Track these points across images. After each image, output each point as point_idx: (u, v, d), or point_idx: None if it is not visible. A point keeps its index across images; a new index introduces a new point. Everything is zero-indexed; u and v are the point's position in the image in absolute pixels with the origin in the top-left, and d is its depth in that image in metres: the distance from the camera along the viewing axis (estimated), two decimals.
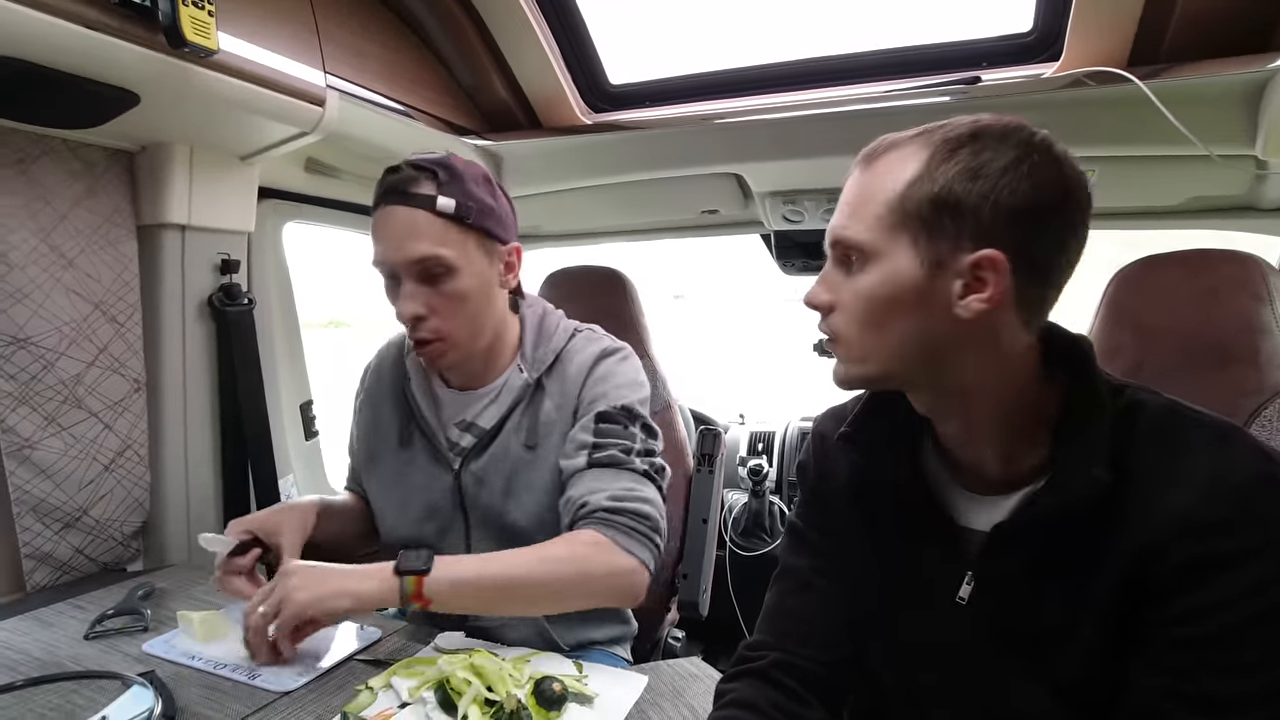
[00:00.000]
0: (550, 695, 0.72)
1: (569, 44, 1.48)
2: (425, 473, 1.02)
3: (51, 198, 1.07)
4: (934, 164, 0.57)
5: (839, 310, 0.63)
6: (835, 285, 0.63)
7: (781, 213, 1.58)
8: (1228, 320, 1.01)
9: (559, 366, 1.01)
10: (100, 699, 0.75)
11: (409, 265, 0.89)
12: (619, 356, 1.02)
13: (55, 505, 1.09)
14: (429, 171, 0.90)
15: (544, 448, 0.98)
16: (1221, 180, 1.27)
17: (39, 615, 0.97)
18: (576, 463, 0.93)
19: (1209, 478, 0.54)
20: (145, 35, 0.87)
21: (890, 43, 1.35)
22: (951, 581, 0.65)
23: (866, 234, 0.60)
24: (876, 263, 0.59)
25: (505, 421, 0.99)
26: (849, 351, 0.63)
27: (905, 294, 0.58)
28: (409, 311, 0.90)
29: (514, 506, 0.98)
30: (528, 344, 1.02)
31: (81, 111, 1.01)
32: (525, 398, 1.00)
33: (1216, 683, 0.52)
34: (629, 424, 0.96)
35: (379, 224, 0.91)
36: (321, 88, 1.13)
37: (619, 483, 0.91)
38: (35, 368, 1.06)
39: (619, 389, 0.98)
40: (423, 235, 0.88)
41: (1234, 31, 1.07)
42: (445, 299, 0.91)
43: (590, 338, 1.05)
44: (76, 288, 1.11)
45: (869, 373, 0.63)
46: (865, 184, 0.61)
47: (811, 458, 0.80)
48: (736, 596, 1.79)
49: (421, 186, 0.89)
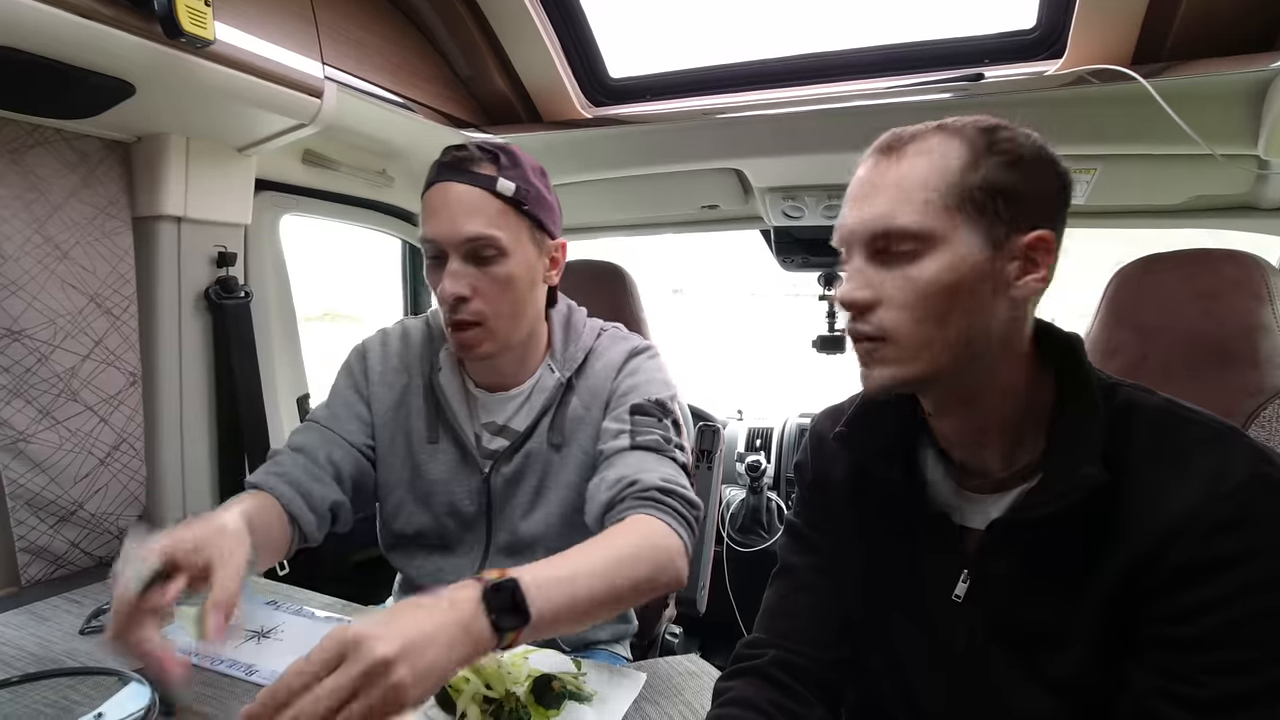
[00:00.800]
0: (549, 693, 0.72)
1: (569, 36, 1.46)
2: (451, 472, 0.99)
3: (46, 189, 1.06)
4: (977, 151, 0.59)
5: (886, 306, 0.59)
6: (875, 281, 0.60)
7: (782, 208, 1.58)
8: (1228, 320, 1.01)
9: (587, 364, 1.00)
10: (96, 694, 0.75)
11: (460, 243, 0.87)
12: (648, 354, 1.01)
13: (50, 499, 1.09)
14: (491, 154, 0.89)
15: (571, 445, 0.97)
16: (1223, 180, 1.27)
17: (34, 610, 0.96)
18: (619, 444, 0.90)
19: (1207, 478, 0.54)
20: (141, 25, 0.86)
21: (892, 39, 1.34)
22: (947, 580, 0.66)
23: (922, 219, 0.58)
24: (936, 249, 0.58)
25: (537, 424, 0.98)
26: (902, 349, 0.60)
27: (969, 278, 0.58)
28: (453, 290, 0.87)
29: (540, 508, 0.97)
30: (557, 343, 1.01)
31: (76, 102, 0.99)
32: (556, 398, 0.98)
33: (1214, 683, 0.52)
34: (662, 417, 0.94)
35: (434, 199, 0.89)
36: (319, 79, 1.12)
37: (664, 468, 0.88)
38: (30, 360, 1.05)
39: (650, 384, 0.97)
40: (479, 214, 0.87)
41: (1238, 30, 1.06)
42: (491, 282, 0.88)
43: (617, 336, 1.04)
44: (71, 280, 1.10)
45: (918, 372, 0.60)
46: (903, 173, 0.60)
47: (809, 457, 0.80)
48: (733, 592, 1.79)
49: (483, 167, 0.88)
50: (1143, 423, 0.59)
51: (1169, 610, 0.54)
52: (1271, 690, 0.51)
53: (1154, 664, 0.55)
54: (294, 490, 0.89)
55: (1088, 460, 0.57)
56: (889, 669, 0.71)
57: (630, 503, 0.82)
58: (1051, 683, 0.60)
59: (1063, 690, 0.59)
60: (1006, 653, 0.62)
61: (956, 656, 0.65)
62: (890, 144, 0.62)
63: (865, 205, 0.61)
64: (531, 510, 0.98)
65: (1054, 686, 0.60)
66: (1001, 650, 0.63)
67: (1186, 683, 0.53)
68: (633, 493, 0.83)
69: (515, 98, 1.54)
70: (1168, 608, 0.54)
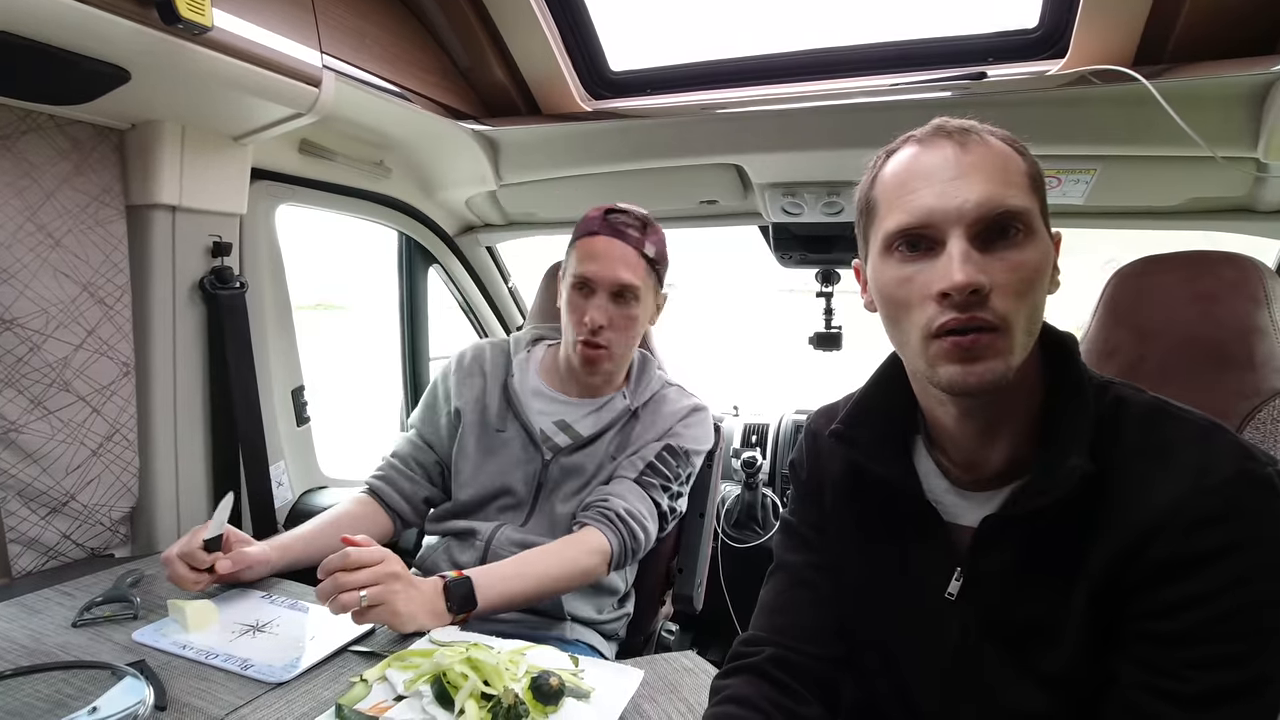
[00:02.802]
0: (547, 689, 0.71)
1: (570, 28, 1.45)
2: (515, 456, 1.17)
3: (38, 175, 1.05)
4: (1023, 150, 0.61)
5: (998, 293, 0.55)
6: (984, 265, 0.56)
7: (781, 204, 1.57)
8: (1225, 322, 1.01)
9: (654, 405, 1.21)
10: (90, 689, 0.74)
11: (612, 284, 1.11)
12: (705, 414, 1.23)
13: (42, 490, 1.07)
14: (639, 221, 1.15)
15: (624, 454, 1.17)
16: (1221, 182, 1.27)
17: (25, 601, 0.95)
18: (630, 471, 1.13)
19: (1191, 473, 0.54)
20: (137, 10, 0.85)
21: (895, 36, 1.33)
22: (940, 577, 0.66)
23: (1028, 202, 0.58)
24: (1035, 234, 0.58)
25: (603, 435, 1.17)
26: (1014, 340, 0.56)
27: (1047, 268, 0.59)
28: (598, 320, 1.10)
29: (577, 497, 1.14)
30: (634, 379, 1.24)
31: (70, 87, 0.98)
32: (623, 420, 1.19)
33: (1198, 678, 0.52)
34: (683, 466, 1.17)
35: (595, 246, 1.12)
36: (317, 68, 1.11)
37: (642, 504, 1.11)
38: (21, 350, 1.04)
39: (696, 439, 1.20)
40: (630, 266, 1.12)
41: (1240, 33, 1.06)
42: (625, 318, 1.13)
43: (683, 393, 1.25)
44: (64, 268, 1.08)
45: (1014, 365, 0.57)
46: (994, 156, 0.59)
47: (804, 455, 0.80)
48: (728, 587, 1.79)
49: (633, 229, 1.14)
50: (1131, 419, 0.59)
51: (1152, 605, 0.54)
52: (1254, 684, 0.52)
53: (1139, 658, 0.55)
54: (392, 488, 1.20)
55: (1075, 454, 0.57)
56: (883, 666, 0.71)
57: (593, 514, 1.07)
58: (1044, 678, 0.60)
59: (1055, 685, 0.60)
60: (999, 649, 0.63)
61: (950, 653, 0.65)
62: (961, 128, 0.60)
63: (965, 184, 0.57)
64: (571, 498, 1.15)
65: (1047, 682, 0.60)
66: (994, 647, 0.63)
67: (1171, 677, 0.53)
68: (601, 509, 1.08)
69: (514, 89, 1.53)
70: (1151, 603, 0.55)
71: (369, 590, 0.84)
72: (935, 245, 0.58)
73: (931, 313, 0.57)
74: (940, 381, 0.58)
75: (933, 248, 0.58)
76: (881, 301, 0.63)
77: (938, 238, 0.58)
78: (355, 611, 0.83)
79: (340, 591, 0.84)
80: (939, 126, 0.62)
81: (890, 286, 0.61)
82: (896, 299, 0.60)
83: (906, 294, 0.59)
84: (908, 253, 0.60)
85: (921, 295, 0.58)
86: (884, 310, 0.63)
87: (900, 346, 0.64)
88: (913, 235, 0.59)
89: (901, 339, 0.63)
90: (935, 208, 0.57)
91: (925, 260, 0.58)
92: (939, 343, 0.57)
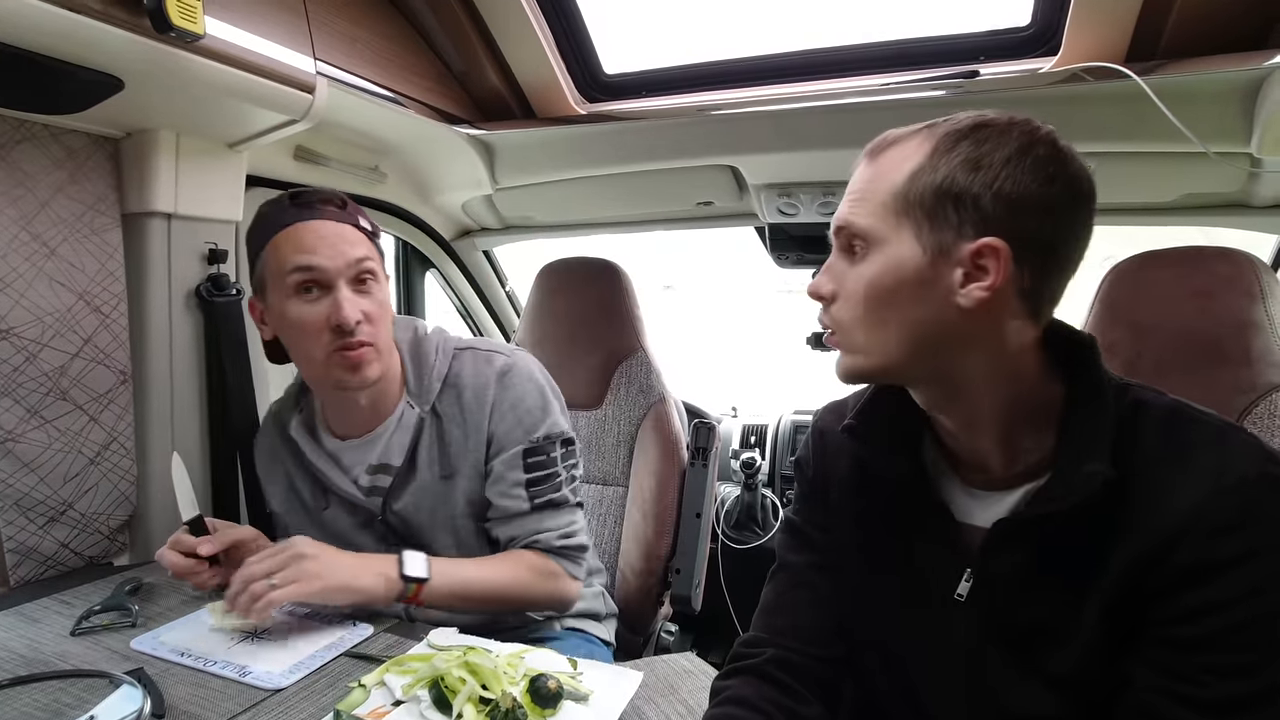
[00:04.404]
0: (545, 693, 0.71)
1: (563, 32, 1.45)
2: (347, 523, 1.05)
3: (32, 185, 1.05)
4: (937, 155, 0.58)
5: (841, 300, 0.63)
6: (839, 275, 0.64)
7: (776, 205, 1.57)
8: (1221, 317, 1.01)
9: (451, 392, 1.02)
10: (88, 697, 0.74)
11: (347, 267, 0.94)
12: (515, 373, 1.03)
13: (39, 499, 1.07)
14: (335, 197, 0.98)
15: (459, 476, 1.02)
16: (1215, 177, 1.28)
17: (24, 611, 0.95)
18: (518, 504, 1.01)
19: (1211, 475, 0.54)
20: (130, 19, 0.85)
21: (888, 35, 1.34)
22: (950, 578, 0.65)
23: (871, 220, 0.61)
24: (880, 250, 0.60)
25: (415, 455, 1.02)
26: (849, 342, 0.63)
27: (907, 282, 0.59)
28: (351, 315, 0.92)
29: (443, 538, 1.03)
30: (410, 374, 1.03)
31: (63, 96, 0.98)
32: (425, 430, 1.02)
33: (1216, 684, 0.52)
34: (552, 450, 1.03)
35: (304, 235, 0.94)
36: (311, 74, 1.11)
37: (561, 518, 1.03)
38: (17, 359, 1.04)
39: (531, 414, 1.02)
40: (356, 243, 0.96)
41: (1232, 28, 1.06)
42: (378, 305, 0.97)
43: (478, 357, 1.04)
44: (59, 277, 1.08)
45: (869, 365, 0.63)
46: (871, 175, 0.62)
47: (810, 453, 0.80)
48: (728, 589, 1.79)
49: (333, 205, 0.97)
50: (1150, 422, 0.59)
51: (1173, 611, 0.54)
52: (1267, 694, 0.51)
53: (1156, 662, 0.55)
54: None
55: (1096, 458, 0.57)
56: (885, 666, 0.71)
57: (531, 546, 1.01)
58: (1051, 679, 0.60)
59: (1063, 687, 0.59)
60: (1009, 652, 0.62)
61: (957, 654, 0.65)
62: (875, 146, 0.64)
63: (844, 203, 0.64)
64: (433, 545, 1.02)
65: (1054, 683, 0.60)
66: (1003, 650, 0.62)
67: (1189, 682, 0.53)
68: (534, 548, 1.01)
69: (509, 93, 1.53)
70: (1172, 608, 0.54)
71: (278, 575, 0.83)
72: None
73: None
74: None
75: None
76: None
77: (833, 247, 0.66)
78: (272, 596, 0.81)
79: (248, 584, 0.82)
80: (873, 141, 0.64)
81: None
82: None
83: None
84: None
85: None
86: None
87: None
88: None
89: None
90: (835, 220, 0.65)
91: None
92: None
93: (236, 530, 0.98)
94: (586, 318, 1.52)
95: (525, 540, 1.02)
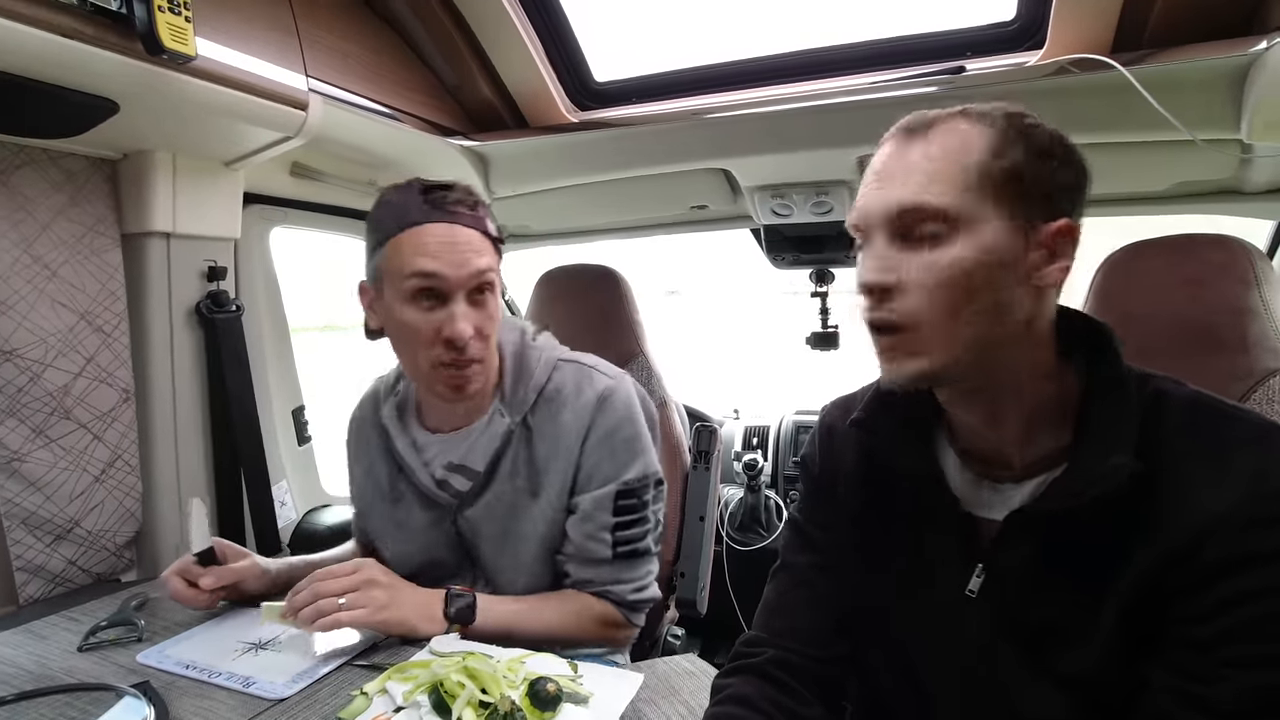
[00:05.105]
0: (544, 696, 0.71)
1: (552, 41, 1.47)
2: (421, 521, 1.03)
3: (33, 208, 1.07)
4: (1009, 137, 0.58)
5: (907, 291, 0.57)
6: (897, 264, 0.57)
7: (770, 206, 1.58)
8: (1215, 305, 1.01)
9: (547, 406, 0.98)
10: (94, 711, 0.75)
11: (469, 280, 0.90)
12: (616, 399, 0.98)
13: (46, 517, 1.09)
14: (467, 195, 0.93)
15: (541, 497, 0.98)
16: (1207, 165, 1.27)
17: (32, 628, 0.96)
18: (600, 550, 0.97)
19: (1250, 478, 0.53)
20: (122, 43, 0.87)
21: (874, 34, 1.34)
22: (960, 573, 0.64)
23: (955, 200, 0.56)
24: (963, 232, 0.56)
25: (499, 463, 0.98)
26: (924, 339, 0.57)
27: (993, 265, 0.56)
28: (465, 332, 0.89)
29: (508, 558, 1.00)
30: (509, 380, 1.00)
31: (61, 120, 1.00)
32: (513, 441, 0.98)
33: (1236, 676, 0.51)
34: (645, 494, 0.99)
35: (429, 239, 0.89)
36: (304, 91, 1.13)
37: (639, 569, 1.00)
38: (22, 380, 1.06)
39: (628, 448, 0.98)
40: (481, 252, 0.91)
41: (1217, 15, 1.06)
42: (488, 320, 0.92)
43: (581, 373, 1.00)
44: (61, 298, 1.10)
45: (940, 364, 0.58)
46: (931, 152, 0.58)
47: (816, 449, 0.79)
48: (734, 591, 1.79)
49: (464, 206, 0.92)
50: (1174, 414, 0.57)
51: (1196, 608, 0.53)
52: None
53: (1173, 663, 0.54)
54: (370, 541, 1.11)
55: (1120, 450, 0.55)
56: (891, 663, 0.70)
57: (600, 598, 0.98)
58: (1063, 679, 0.58)
59: (1075, 687, 0.58)
60: (1021, 650, 0.61)
61: (966, 651, 0.64)
62: (916, 124, 0.60)
63: (890, 184, 0.58)
64: (499, 562, 1.01)
65: (1066, 683, 0.58)
66: (1015, 647, 0.61)
67: (1202, 682, 0.52)
68: (605, 597, 0.98)
69: (501, 104, 1.54)
70: (1195, 606, 0.53)
71: (349, 596, 0.84)
72: (867, 242, 0.61)
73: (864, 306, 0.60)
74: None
75: (866, 244, 0.61)
76: None
77: (868, 235, 0.60)
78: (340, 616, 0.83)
79: (319, 599, 0.83)
80: (902, 122, 0.62)
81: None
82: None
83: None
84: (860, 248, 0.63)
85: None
86: None
87: None
88: (856, 233, 0.62)
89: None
90: (864, 207, 0.60)
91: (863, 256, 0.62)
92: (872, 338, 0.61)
93: (238, 569, 0.98)
94: (586, 324, 1.52)
95: (599, 588, 0.98)
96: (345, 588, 0.85)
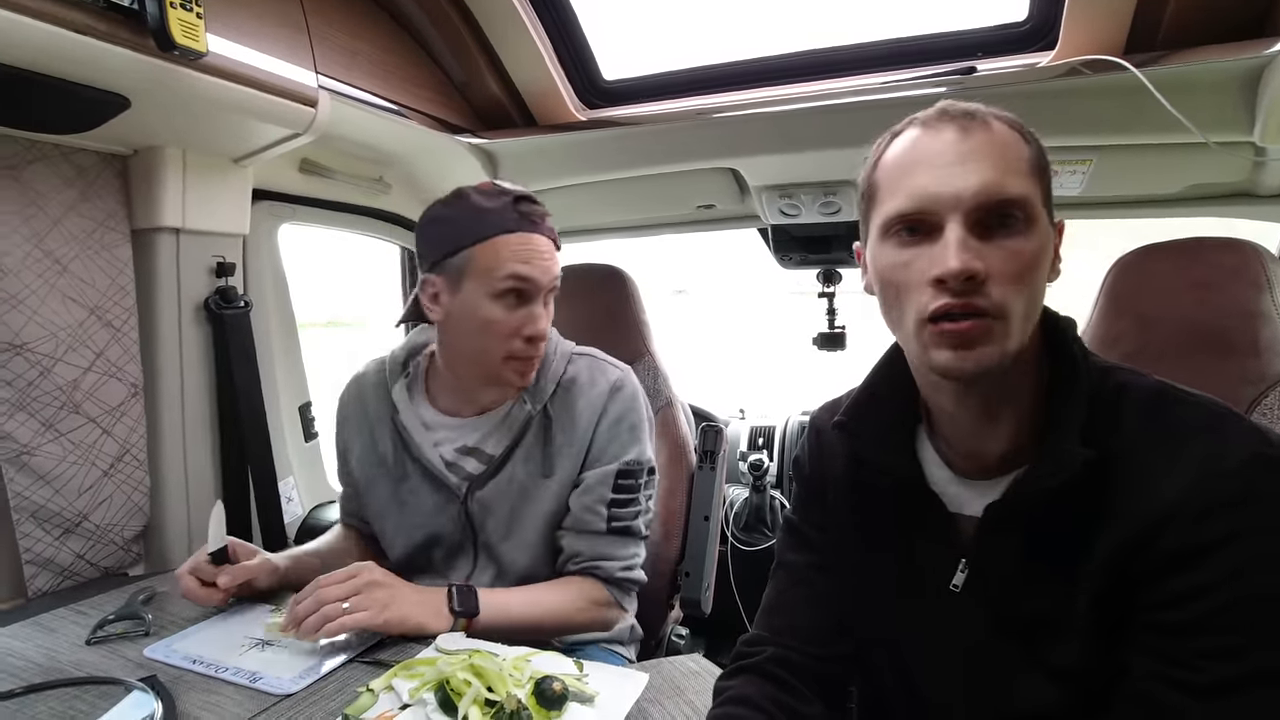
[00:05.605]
0: (550, 694, 0.72)
1: (561, 40, 1.47)
2: (429, 501, 1.06)
3: (44, 203, 1.07)
4: (1027, 136, 0.60)
5: (995, 280, 0.55)
6: (978, 253, 0.56)
7: (778, 206, 1.57)
8: (1227, 308, 1.00)
9: (564, 396, 1.05)
10: (101, 704, 0.75)
11: (551, 285, 1.01)
12: (627, 390, 1.07)
13: (55, 511, 1.09)
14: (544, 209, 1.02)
15: (554, 478, 1.04)
16: (1220, 167, 1.26)
17: (41, 621, 0.97)
18: (595, 522, 1.03)
19: (1202, 462, 0.53)
20: (134, 39, 0.87)
21: (884, 34, 1.34)
22: (945, 570, 0.65)
23: (1027, 189, 0.57)
24: (1035, 221, 0.57)
25: (514, 450, 1.04)
26: (1011, 326, 0.56)
27: (1047, 255, 0.59)
28: (543, 328, 1.00)
29: (515, 537, 1.04)
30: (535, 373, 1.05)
31: (72, 116, 1.00)
32: (532, 428, 1.04)
33: (1211, 668, 0.51)
34: (641, 477, 1.06)
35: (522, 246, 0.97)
36: (313, 88, 1.13)
37: (628, 549, 1.06)
38: (32, 374, 1.06)
39: (633, 433, 1.05)
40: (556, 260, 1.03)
41: (1230, 17, 1.06)
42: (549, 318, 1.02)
43: (594, 365, 1.08)
44: (71, 293, 1.11)
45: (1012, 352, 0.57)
46: (999, 140, 0.58)
47: (806, 452, 0.80)
48: (739, 591, 1.79)
49: (547, 220, 1.02)
50: (1133, 404, 0.59)
51: (1161, 595, 0.54)
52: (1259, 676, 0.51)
53: (1149, 648, 0.54)
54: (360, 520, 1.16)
55: (1074, 440, 0.57)
56: (890, 662, 0.71)
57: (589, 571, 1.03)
58: (1054, 671, 0.59)
59: (1066, 678, 0.59)
60: (1007, 642, 0.62)
61: (957, 646, 0.65)
62: (969, 112, 0.59)
63: (964, 171, 0.56)
64: (505, 541, 1.05)
65: (1057, 675, 0.59)
66: (1002, 640, 0.62)
67: (1184, 667, 0.52)
68: (593, 573, 1.03)
69: (509, 102, 1.54)
70: (1160, 593, 0.54)
71: (352, 599, 0.86)
72: (934, 230, 0.58)
73: (927, 298, 0.57)
74: (936, 366, 0.58)
75: (931, 233, 0.58)
76: (879, 285, 0.63)
77: (936, 223, 0.57)
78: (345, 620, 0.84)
79: (322, 605, 0.84)
80: (943, 110, 0.61)
81: (888, 270, 0.61)
82: (893, 283, 0.61)
83: (904, 278, 0.59)
84: (906, 237, 0.60)
85: (918, 280, 0.58)
86: (881, 294, 0.63)
87: (896, 330, 0.64)
88: (911, 220, 0.59)
89: (897, 323, 0.63)
90: (934, 193, 0.57)
91: (923, 245, 0.58)
92: (933, 328, 0.57)
93: (251, 567, 0.99)
94: (592, 323, 1.52)
95: (588, 562, 1.03)
96: (348, 592, 0.86)
